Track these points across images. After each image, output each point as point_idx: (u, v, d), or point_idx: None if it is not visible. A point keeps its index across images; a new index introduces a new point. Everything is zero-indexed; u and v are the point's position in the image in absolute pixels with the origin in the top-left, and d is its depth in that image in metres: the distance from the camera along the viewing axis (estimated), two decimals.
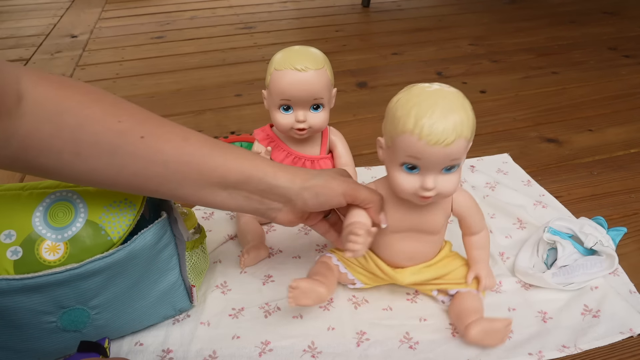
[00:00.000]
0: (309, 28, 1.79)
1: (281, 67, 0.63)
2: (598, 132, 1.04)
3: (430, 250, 0.60)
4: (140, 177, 0.49)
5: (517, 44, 1.56)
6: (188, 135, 0.51)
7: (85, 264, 0.50)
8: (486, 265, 0.61)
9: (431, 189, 0.50)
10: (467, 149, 0.51)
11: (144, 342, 0.59)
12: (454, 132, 0.47)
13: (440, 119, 0.47)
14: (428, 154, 0.48)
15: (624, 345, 0.57)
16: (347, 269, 0.63)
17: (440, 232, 0.59)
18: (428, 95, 0.48)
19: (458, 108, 0.48)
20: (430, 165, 0.49)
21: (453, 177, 0.51)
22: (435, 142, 0.47)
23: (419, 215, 0.56)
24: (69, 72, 1.44)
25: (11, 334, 0.50)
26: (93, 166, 0.47)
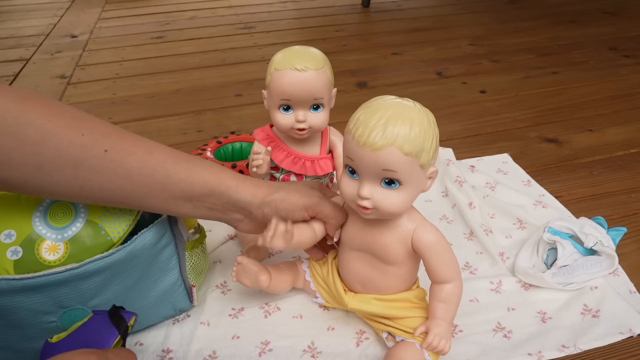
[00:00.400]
0: (309, 28, 1.79)
1: (281, 67, 0.63)
2: (598, 132, 1.04)
3: (386, 283, 0.55)
4: (104, 190, 0.49)
5: (517, 44, 1.56)
6: (152, 148, 0.51)
7: (85, 263, 0.50)
8: (445, 323, 0.52)
9: (365, 197, 0.47)
10: (414, 168, 0.46)
11: (144, 342, 0.59)
12: (385, 138, 0.44)
13: (376, 123, 0.44)
14: (358, 155, 0.46)
15: (624, 345, 0.57)
16: (311, 278, 0.62)
17: (401, 265, 0.53)
18: (382, 103, 0.46)
19: (404, 121, 0.45)
20: (364, 170, 0.47)
21: (394, 194, 0.47)
22: (363, 143, 0.45)
23: (371, 234, 0.52)
24: (69, 72, 1.44)
25: (11, 334, 0.51)
26: (56, 180, 0.47)
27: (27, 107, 0.45)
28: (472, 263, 0.70)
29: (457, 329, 0.60)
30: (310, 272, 0.62)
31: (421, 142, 0.45)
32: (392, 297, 0.55)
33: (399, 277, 0.55)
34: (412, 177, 0.47)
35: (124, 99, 1.25)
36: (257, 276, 0.58)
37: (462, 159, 0.93)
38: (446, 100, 1.18)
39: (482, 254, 0.71)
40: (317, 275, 0.61)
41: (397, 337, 0.55)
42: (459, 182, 0.82)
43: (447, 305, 0.52)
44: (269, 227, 0.53)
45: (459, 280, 0.53)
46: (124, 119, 1.15)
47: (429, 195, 0.84)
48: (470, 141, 1.01)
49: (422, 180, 0.48)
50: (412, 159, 0.45)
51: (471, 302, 0.64)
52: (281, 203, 0.53)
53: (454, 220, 0.78)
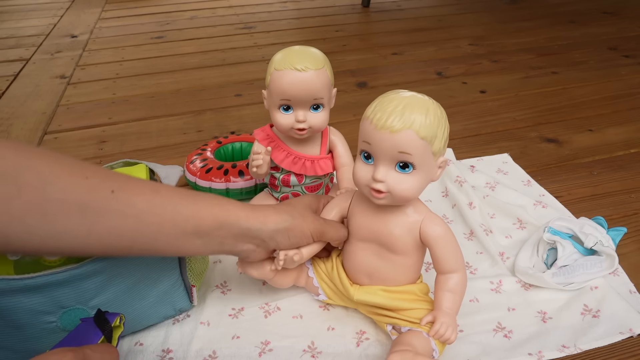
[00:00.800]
0: (309, 28, 1.79)
1: (281, 67, 0.63)
2: (598, 132, 1.04)
3: (393, 273, 0.56)
4: (113, 234, 0.46)
5: (517, 44, 1.56)
6: (157, 187, 0.49)
7: (85, 264, 0.50)
8: (451, 313, 0.53)
9: (380, 180, 0.49)
10: (427, 153, 0.49)
11: (144, 342, 0.59)
12: (403, 121, 0.47)
13: (394, 109, 0.48)
14: (376, 138, 0.48)
15: (624, 345, 0.57)
16: (314, 274, 0.62)
17: (406, 253, 0.55)
18: (398, 95, 0.49)
19: (416, 107, 0.48)
20: (380, 154, 0.49)
21: (407, 178, 0.49)
22: (382, 125, 0.47)
23: (380, 222, 0.54)
24: (69, 72, 1.44)
25: (11, 334, 0.50)
26: (62, 228, 0.43)
27: (25, 155, 0.43)
28: (472, 263, 0.70)
29: (457, 329, 0.60)
30: (313, 269, 0.62)
31: (435, 129, 0.48)
32: (398, 289, 0.57)
33: (405, 268, 0.56)
34: (425, 162, 0.49)
35: (124, 99, 1.25)
36: (263, 265, 0.58)
37: (462, 159, 0.93)
38: (446, 100, 1.18)
39: (482, 254, 0.71)
40: (321, 271, 0.62)
41: (403, 328, 0.55)
42: (459, 182, 0.82)
43: (454, 295, 0.54)
44: (280, 256, 0.55)
45: (464, 271, 0.55)
46: (124, 119, 1.15)
47: (429, 195, 0.84)
48: (470, 141, 1.01)
49: (433, 168, 0.50)
50: (426, 144, 0.48)
51: (471, 302, 0.64)
52: (292, 232, 0.54)
53: (454, 220, 0.78)
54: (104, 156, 0.99)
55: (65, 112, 1.20)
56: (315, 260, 0.63)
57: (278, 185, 0.73)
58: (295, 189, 0.73)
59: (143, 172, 0.61)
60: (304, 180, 0.71)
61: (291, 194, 0.73)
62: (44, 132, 1.11)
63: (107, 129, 1.11)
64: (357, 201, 0.57)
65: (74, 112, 1.20)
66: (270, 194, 0.76)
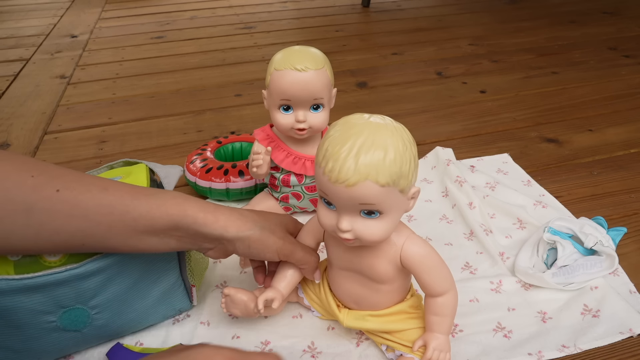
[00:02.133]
0: (309, 28, 1.79)
1: (281, 67, 0.63)
2: (598, 132, 1.04)
3: (379, 300, 0.53)
4: (61, 234, 0.45)
5: (517, 44, 1.56)
6: (107, 185, 0.48)
7: (84, 263, 0.50)
8: (442, 336, 0.51)
9: (345, 230, 0.45)
10: (392, 195, 0.43)
11: (144, 342, 0.59)
12: (358, 173, 0.41)
13: (347, 155, 0.41)
14: (332, 191, 0.43)
15: (624, 345, 0.57)
16: (303, 294, 0.61)
17: (392, 282, 0.52)
18: (351, 127, 0.43)
19: (378, 148, 0.41)
20: (340, 205, 0.44)
21: (375, 223, 0.45)
22: (335, 179, 0.42)
23: (359, 257, 0.51)
24: (69, 72, 1.44)
25: (11, 334, 0.50)
26: (9, 229, 0.43)
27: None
28: (472, 263, 0.70)
29: (457, 329, 0.60)
30: (302, 289, 0.61)
31: (398, 169, 0.42)
32: (387, 312, 0.54)
33: (391, 293, 0.53)
34: (392, 204, 0.44)
35: (124, 99, 1.25)
36: (246, 305, 0.56)
37: (462, 159, 0.93)
38: (446, 100, 1.18)
39: (482, 254, 0.71)
40: (310, 292, 0.60)
41: (397, 352, 0.54)
42: (459, 182, 0.82)
43: (441, 318, 0.51)
44: (259, 305, 0.53)
45: (453, 290, 0.51)
46: (124, 119, 1.15)
47: (429, 195, 0.84)
48: (470, 141, 1.01)
49: (403, 203, 0.46)
50: (390, 188, 0.43)
51: (471, 302, 0.64)
52: (255, 243, 0.51)
53: (454, 220, 0.78)
54: (104, 156, 0.99)
55: (65, 112, 1.20)
56: (303, 280, 0.61)
57: (278, 185, 0.73)
58: (295, 189, 0.73)
59: (143, 172, 0.61)
60: (304, 180, 0.71)
61: (291, 194, 0.73)
62: (44, 132, 1.11)
63: (107, 129, 1.11)
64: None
65: (74, 112, 1.20)
66: (270, 194, 0.76)
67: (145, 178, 0.58)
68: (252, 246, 0.52)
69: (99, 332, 0.54)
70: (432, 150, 0.93)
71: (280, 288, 0.56)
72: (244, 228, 0.51)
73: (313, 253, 0.56)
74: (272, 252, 0.53)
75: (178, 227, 0.49)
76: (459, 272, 0.69)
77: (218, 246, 0.52)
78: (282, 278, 0.57)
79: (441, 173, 0.87)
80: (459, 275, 0.68)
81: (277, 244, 0.52)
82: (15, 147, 1.05)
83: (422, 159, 0.93)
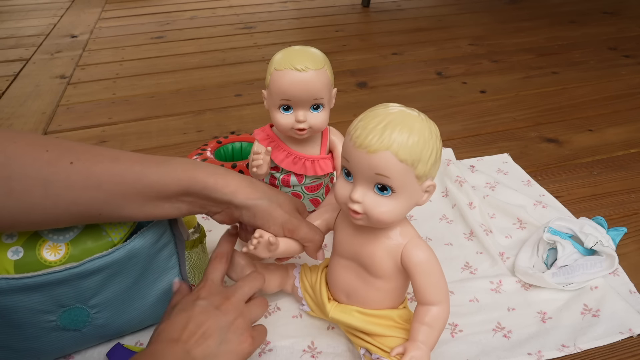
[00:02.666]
0: (309, 28, 1.79)
1: (281, 67, 0.63)
2: (598, 132, 1.04)
3: (371, 297, 0.53)
4: (79, 204, 0.47)
5: (517, 44, 1.56)
6: (118, 155, 0.50)
7: (84, 262, 0.50)
8: (425, 348, 0.49)
9: (356, 201, 0.46)
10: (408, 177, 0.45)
11: (144, 342, 0.59)
12: (382, 142, 0.43)
13: (375, 126, 0.44)
14: (354, 156, 0.45)
15: (624, 345, 0.57)
16: (299, 284, 0.61)
17: (388, 279, 0.52)
18: (386, 109, 0.46)
19: (403, 128, 0.44)
20: (358, 173, 0.46)
21: (386, 201, 0.46)
22: (360, 144, 0.44)
23: (360, 243, 0.51)
24: (69, 72, 1.44)
25: (11, 333, 0.50)
26: (28, 202, 0.45)
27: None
28: (472, 263, 0.70)
29: (457, 329, 0.60)
30: (299, 278, 0.61)
31: (419, 152, 0.44)
32: (374, 313, 0.54)
33: (384, 292, 0.53)
34: (407, 186, 0.45)
35: (124, 99, 1.25)
36: (242, 270, 0.58)
37: (462, 159, 0.93)
38: (446, 100, 1.18)
39: (482, 254, 0.71)
40: (307, 282, 0.60)
41: (374, 355, 0.52)
42: (459, 182, 0.82)
43: (429, 329, 0.49)
44: (254, 237, 0.53)
45: (446, 304, 0.50)
46: (124, 119, 1.15)
47: None
48: (470, 141, 1.01)
49: (417, 192, 0.47)
50: (407, 167, 0.44)
51: (471, 302, 0.64)
52: (261, 212, 0.52)
53: (454, 220, 0.78)
54: None
55: (65, 112, 1.20)
56: (303, 270, 0.62)
57: (278, 185, 0.73)
58: (295, 189, 0.73)
59: None
60: (304, 181, 0.71)
61: (291, 194, 0.73)
62: (44, 132, 1.11)
63: (107, 129, 1.11)
64: (343, 215, 0.55)
65: (74, 112, 1.20)
66: None
67: None
68: (257, 215, 0.52)
69: (98, 331, 0.54)
70: None
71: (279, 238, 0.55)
72: (253, 196, 0.52)
73: (318, 231, 0.56)
74: (277, 225, 0.53)
75: (189, 192, 0.51)
76: (459, 272, 0.69)
77: (225, 210, 0.53)
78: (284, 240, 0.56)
79: (441, 173, 0.87)
80: (459, 275, 0.68)
81: (283, 217, 0.53)
82: None
83: None
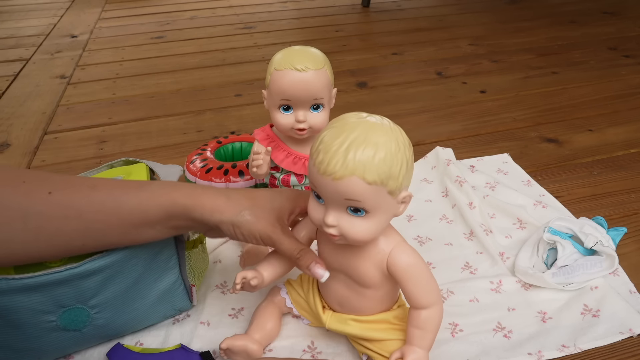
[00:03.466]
0: (309, 28, 1.79)
1: (281, 67, 0.63)
2: (598, 132, 1.04)
3: (363, 305, 0.53)
4: (60, 236, 0.46)
5: (517, 44, 1.56)
6: (96, 182, 0.49)
7: (84, 263, 0.50)
8: (421, 351, 0.49)
9: (330, 225, 0.45)
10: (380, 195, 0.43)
11: (144, 342, 0.59)
12: (346, 168, 0.41)
13: (338, 149, 0.42)
14: (320, 183, 0.43)
15: (624, 345, 0.57)
16: (292, 305, 0.59)
17: (378, 288, 0.51)
18: (347, 124, 0.43)
19: (369, 146, 0.42)
20: (327, 198, 0.44)
21: (361, 222, 0.44)
22: (323, 171, 0.42)
23: (346, 257, 0.50)
24: (69, 72, 1.44)
25: (11, 333, 0.50)
26: (8, 235, 0.44)
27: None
28: (472, 263, 0.70)
29: (458, 328, 0.60)
30: (290, 299, 0.59)
31: (387, 169, 0.42)
32: (370, 319, 0.53)
33: (376, 300, 0.53)
34: (380, 204, 0.44)
35: (124, 99, 1.25)
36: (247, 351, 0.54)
37: (462, 159, 0.93)
38: (446, 100, 1.18)
39: (482, 254, 0.71)
40: (298, 297, 0.59)
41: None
42: (459, 182, 0.82)
43: (423, 333, 0.49)
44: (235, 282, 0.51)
45: (438, 305, 0.50)
46: (124, 119, 1.15)
47: (429, 195, 0.84)
48: (470, 141, 1.01)
49: (392, 206, 0.45)
50: (377, 187, 0.42)
51: (471, 302, 0.64)
52: (240, 229, 0.50)
53: (454, 220, 0.78)
54: (104, 156, 0.99)
55: (65, 112, 1.20)
56: (290, 289, 0.60)
57: (278, 185, 0.73)
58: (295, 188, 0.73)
59: (143, 171, 0.61)
60: (304, 180, 0.71)
61: None
62: (44, 132, 1.11)
63: (107, 129, 1.11)
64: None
65: (74, 112, 1.20)
66: None
67: (145, 178, 0.58)
68: (237, 232, 0.51)
69: (99, 331, 0.54)
70: (432, 150, 0.93)
71: (261, 270, 0.53)
72: (230, 213, 0.50)
73: (299, 245, 0.51)
74: (256, 238, 0.51)
75: (171, 216, 0.49)
76: (459, 272, 0.69)
77: (214, 230, 0.52)
78: (267, 265, 0.54)
79: (441, 173, 0.87)
80: (459, 275, 0.68)
81: (261, 232, 0.50)
82: (15, 147, 1.05)
83: (422, 159, 0.93)
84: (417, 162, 0.93)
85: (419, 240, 0.75)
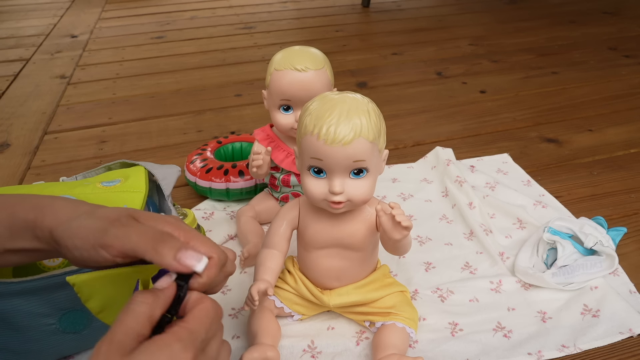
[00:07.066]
0: (309, 28, 1.79)
1: (281, 67, 0.63)
2: (598, 132, 1.04)
3: (359, 270, 0.57)
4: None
5: (517, 44, 1.56)
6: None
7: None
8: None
9: (338, 192, 0.49)
10: (375, 153, 0.50)
11: None
12: (353, 131, 0.47)
13: (339, 118, 0.47)
14: (328, 153, 0.48)
15: (624, 345, 0.57)
16: (283, 303, 0.59)
17: (367, 248, 0.56)
18: (329, 100, 0.49)
19: (358, 111, 0.48)
20: (334, 167, 0.49)
21: (363, 182, 0.50)
22: (332, 140, 0.47)
23: (338, 227, 0.54)
24: (69, 72, 1.44)
25: (11, 336, 0.50)
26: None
27: None
28: (472, 263, 0.70)
29: (457, 328, 0.60)
30: (278, 299, 0.59)
31: (378, 127, 0.49)
32: (366, 281, 0.58)
33: (366, 262, 0.57)
34: (375, 162, 0.51)
35: (124, 99, 1.25)
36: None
37: (462, 159, 0.93)
38: (446, 100, 1.18)
39: (482, 254, 0.71)
40: (287, 293, 0.59)
41: (377, 323, 0.57)
42: (459, 182, 0.82)
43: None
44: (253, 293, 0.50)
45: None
46: (124, 119, 1.15)
47: (429, 195, 0.84)
48: (470, 141, 1.01)
49: (380, 164, 0.52)
50: (374, 145, 0.49)
51: (471, 302, 0.64)
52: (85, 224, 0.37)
53: (454, 220, 0.78)
54: (104, 156, 0.99)
55: (65, 112, 1.20)
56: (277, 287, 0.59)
57: (278, 185, 0.73)
58: (295, 189, 0.73)
59: (142, 175, 0.61)
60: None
61: (291, 194, 0.73)
62: (44, 132, 1.11)
63: (107, 129, 1.11)
64: (307, 210, 0.55)
65: (74, 112, 1.20)
66: (270, 194, 0.76)
67: (144, 181, 0.58)
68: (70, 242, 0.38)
69: (98, 333, 0.54)
70: (432, 150, 0.93)
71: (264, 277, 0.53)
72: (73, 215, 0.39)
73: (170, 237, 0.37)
74: (95, 247, 0.37)
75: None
76: (459, 272, 0.69)
77: (55, 249, 0.41)
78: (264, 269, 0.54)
79: (441, 173, 0.87)
80: (459, 275, 0.68)
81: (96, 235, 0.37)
82: (15, 147, 1.05)
83: (422, 159, 0.93)
84: (417, 162, 0.93)
85: (419, 240, 0.75)
